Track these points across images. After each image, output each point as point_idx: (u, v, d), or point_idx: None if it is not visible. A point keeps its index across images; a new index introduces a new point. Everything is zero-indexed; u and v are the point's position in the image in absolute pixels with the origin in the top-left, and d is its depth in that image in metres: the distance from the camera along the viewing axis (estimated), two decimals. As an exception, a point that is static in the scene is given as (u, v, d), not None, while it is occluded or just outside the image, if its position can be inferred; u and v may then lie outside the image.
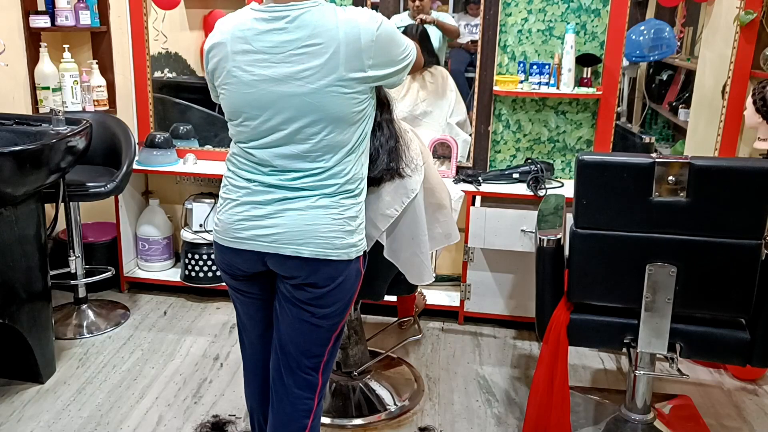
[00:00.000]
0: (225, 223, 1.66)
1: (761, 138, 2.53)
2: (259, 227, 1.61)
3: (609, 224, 1.97)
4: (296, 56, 1.52)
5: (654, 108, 3.69)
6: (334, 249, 1.61)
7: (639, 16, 3.22)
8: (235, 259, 1.67)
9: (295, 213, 1.59)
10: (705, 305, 2.01)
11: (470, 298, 3.07)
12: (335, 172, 1.60)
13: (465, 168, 3.16)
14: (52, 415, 2.39)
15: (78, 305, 3.08)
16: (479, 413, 2.47)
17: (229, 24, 1.60)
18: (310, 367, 1.72)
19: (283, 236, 1.59)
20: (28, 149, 2.28)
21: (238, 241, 1.64)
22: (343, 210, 1.62)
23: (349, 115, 1.58)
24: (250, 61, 1.55)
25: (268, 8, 1.54)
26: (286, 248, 1.60)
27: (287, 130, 1.56)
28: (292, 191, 1.60)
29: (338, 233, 1.61)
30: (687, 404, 2.51)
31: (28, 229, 2.44)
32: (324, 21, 1.52)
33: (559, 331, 2.09)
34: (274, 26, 1.53)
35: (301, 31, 1.52)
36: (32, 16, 3.07)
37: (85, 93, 3.27)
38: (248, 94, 1.57)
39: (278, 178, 1.60)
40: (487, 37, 3.02)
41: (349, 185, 1.63)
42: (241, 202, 1.63)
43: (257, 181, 1.62)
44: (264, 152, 1.60)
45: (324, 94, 1.53)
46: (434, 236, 2.25)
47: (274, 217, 1.60)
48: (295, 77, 1.52)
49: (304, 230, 1.59)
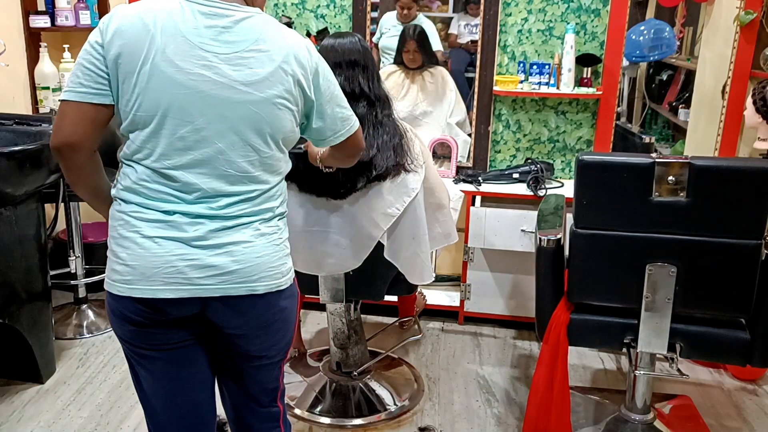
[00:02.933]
0: (146, 268, 1.34)
1: (761, 138, 2.53)
2: (197, 267, 1.35)
3: (609, 224, 1.97)
4: (244, 59, 1.34)
5: (654, 108, 3.70)
6: (282, 276, 1.45)
7: (639, 16, 3.23)
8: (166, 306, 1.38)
9: (240, 246, 1.37)
10: (705, 305, 2.01)
11: (470, 298, 3.07)
12: (271, 194, 1.43)
13: (465, 168, 3.16)
14: (52, 415, 2.39)
15: (78, 305, 3.08)
16: (479, 413, 2.47)
17: (153, 7, 1.33)
18: (270, 401, 1.61)
19: (232, 276, 1.37)
20: (28, 149, 2.28)
21: (171, 288, 1.35)
22: (281, 233, 1.47)
23: (286, 135, 1.43)
24: (185, 57, 1.30)
25: (208, 2, 1.34)
26: (239, 288, 1.38)
27: (223, 143, 1.34)
28: (229, 220, 1.37)
29: (282, 259, 1.46)
30: (687, 404, 2.51)
31: (28, 229, 2.44)
32: (269, 29, 1.39)
33: (559, 331, 2.09)
34: (215, 23, 1.33)
35: (248, 34, 1.35)
36: (32, 16, 3.07)
37: (85, 93, 3.27)
38: (177, 95, 1.31)
39: (207, 206, 1.35)
40: (487, 37, 3.02)
41: (281, 208, 1.48)
42: (165, 237, 1.34)
43: (179, 212, 1.35)
44: (188, 173, 1.34)
45: (271, 105, 1.36)
46: (434, 236, 2.26)
47: (214, 254, 1.36)
48: (243, 82, 1.33)
49: (256, 264, 1.39)
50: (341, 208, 2.08)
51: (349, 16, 3.12)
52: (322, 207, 2.09)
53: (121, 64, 1.32)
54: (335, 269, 2.17)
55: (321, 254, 2.12)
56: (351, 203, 2.07)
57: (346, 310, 2.41)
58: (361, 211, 2.07)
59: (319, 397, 2.50)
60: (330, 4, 3.15)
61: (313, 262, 2.14)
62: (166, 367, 1.48)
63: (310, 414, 2.42)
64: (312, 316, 3.15)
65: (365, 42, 2.09)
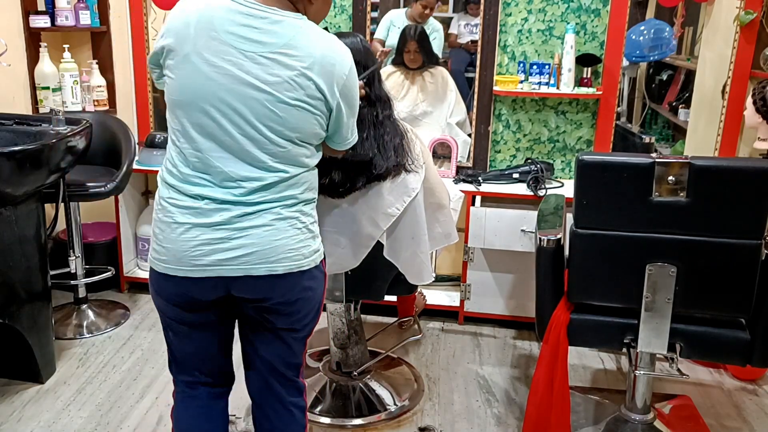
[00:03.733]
0: (177, 251, 1.49)
1: (761, 138, 2.53)
2: (222, 251, 1.48)
3: (609, 224, 1.97)
4: (268, 60, 1.42)
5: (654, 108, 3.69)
6: (304, 258, 1.55)
7: (639, 16, 3.22)
8: (191, 289, 1.53)
9: (260, 230, 1.48)
10: (705, 305, 2.01)
11: (470, 298, 3.07)
12: (293, 182, 1.52)
13: (465, 168, 3.16)
14: (52, 415, 2.39)
15: (78, 305, 3.08)
16: (479, 413, 2.47)
17: (198, 4, 1.45)
18: (294, 375, 1.72)
19: (252, 256, 1.49)
20: (28, 149, 2.28)
21: (199, 269, 1.49)
22: (304, 218, 1.56)
23: (311, 136, 1.52)
24: (214, 51, 1.41)
25: (248, 3, 1.43)
26: (259, 268, 1.50)
27: (239, 135, 1.45)
28: (251, 206, 1.48)
29: (304, 242, 1.56)
30: (687, 404, 2.51)
31: (28, 229, 2.44)
32: (303, 35, 1.45)
33: (559, 331, 2.09)
34: (250, 23, 1.42)
35: (278, 37, 1.42)
36: (32, 16, 3.07)
37: (85, 93, 3.27)
38: (205, 87, 1.43)
39: (232, 193, 1.47)
40: (487, 37, 3.02)
41: (306, 195, 1.57)
42: (194, 224, 1.48)
43: (208, 198, 1.47)
44: (212, 157, 1.46)
45: (290, 107, 1.44)
46: (434, 236, 2.25)
47: (237, 237, 1.48)
48: (264, 81, 1.42)
49: (274, 246, 1.50)
50: (341, 208, 2.08)
51: (349, 16, 3.12)
52: (321, 205, 2.09)
53: (165, 58, 1.47)
54: (334, 269, 2.17)
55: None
56: (350, 203, 2.07)
57: (346, 310, 2.41)
58: (360, 210, 2.07)
59: (319, 397, 2.50)
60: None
61: None
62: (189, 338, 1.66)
63: (310, 414, 2.41)
64: (312, 316, 3.15)
65: (366, 42, 2.09)
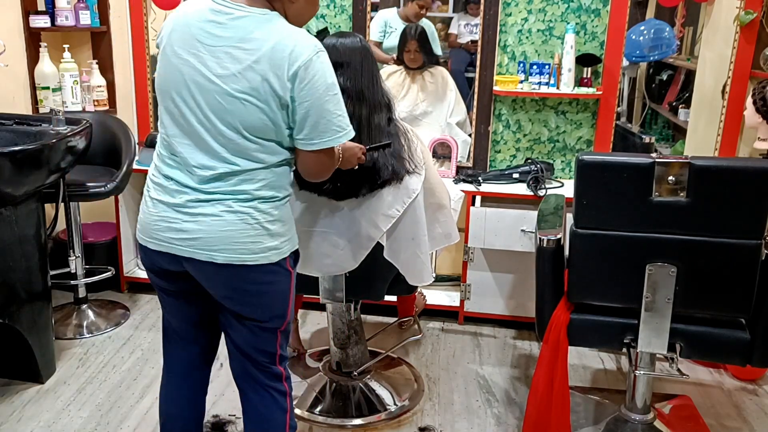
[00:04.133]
0: (144, 222, 1.64)
1: (761, 138, 2.53)
2: (173, 230, 1.58)
3: (609, 224, 1.97)
4: (223, 54, 1.49)
5: (654, 108, 3.69)
6: (251, 254, 1.57)
7: (639, 16, 3.22)
8: (158, 258, 1.65)
9: (209, 218, 1.55)
10: (705, 305, 2.01)
11: (470, 298, 3.07)
12: (247, 177, 1.55)
13: (465, 168, 3.16)
14: (52, 415, 2.39)
15: (78, 305, 3.08)
16: (479, 413, 2.47)
17: (187, 6, 1.58)
18: (268, 362, 1.74)
19: (197, 241, 1.56)
20: (28, 149, 2.28)
21: (156, 242, 1.61)
22: (258, 215, 1.57)
23: (261, 131, 1.53)
24: (181, 44, 1.53)
25: (221, 2, 1.52)
26: (201, 253, 1.57)
27: (198, 124, 1.53)
28: (205, 194, 1.55)
29: (254, 238, 1.57)
30: (687, 404, 2.51)
31: (28, 229, 2.44)
32: (260, 29, 1.49)
33: (559, 331, 2.09)
34: (215, 18, 1.51)
35: (236, 32, 1.49)
36: (32, 16, 3.07)
37: (85, 93, 3.27)
38: (172, 76, 1.54)
39: (192, 178, 1.56)
40: (487, 37, 3.02)
41: (264, 192, 1.57)
42: (160, 200, 1.60)
43: (174, 180, 1.58)
44: (178, 143, 1.56)
45: (236, 100, 1.49)
46: (434, 236, 2.25)
47: (188, 221, 1.56)
48: (215, 74, 1.49)
49: (218, 236, 1.55)
50: (341, 209, 2.08)
51: (349, 16, 3.12)
52: (321, 207, 2.09)
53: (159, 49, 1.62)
54: (333, 270, 2.17)
55: (319, 254, 2.12)
56: (350, 204, 2.07)
57: (346, 310, 2.41)
58: (360, 212, 2.07)
59: (319, 397, 2.50)
60: (330, 4, 3.15)
61: (311, 262, 2.13)
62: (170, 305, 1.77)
63: (310, 414, 2.42)
64: (312, 316, 3.15)
65: (366, 42, 2.09)
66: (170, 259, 1.62)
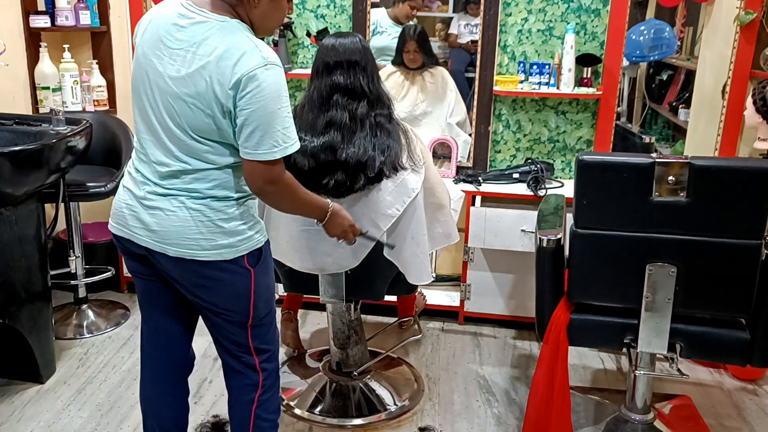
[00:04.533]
0: (115, 208, 1.71)
1: (761, 138, 2.53)
2: (134, 219, 1.65)
3: (609, 224, 1.97)
4: (178, 57, 1.53)
5: (654, 108, 3.69)
6: (201, 250, 1.61)
7: (639, 16, 3.23)
8: (125, 243, 1.71)
9: (163, 212, 1.61)
10: (705, 305, 2.01)
11: (470, 298, 3.07)
12: (199, 177, 1.59)
13: (465, 168, 3.16)
14: (52, 415, 2.39)
15: (78, 305, 3.08)
16: (479, 413, 2.47)
17: (160, 6, 1.62)
18: (241, 351, 1.77)
19: (153, 234, 1.62)
20: (28, 149, 2.28)
21: (121, 228, 1.69)
22: (210, 213, 1.61)
23: (208, 133, 1.56)
24: (150, 45, 1.58)
25: (187, 5, 1.56)
26: (156, 245, 1.63)
27: (157, 122, 1.58)
28: (163, 189, 1.61)
29: (206, 235, 1.61)
30: (687, 404, 2.51)
31: (28, 229, 2.44)
32: (214, 36, 1.51)
33: (559, 331, 2.09)
34: (178, 21, 1.55)
35: (193, 36, 1.52)
36: (32, 16, 3.07)
37: (85, 93, 3.27)
38: (138, 76, 1.61)
39: (154, 173, 1.62)
40: (487, 37, 3.02)
41: (216, 191, 1.60)
42: (128, 189, 1.67)
43: (141, 173, 1.65)
44: (144, 138, 1.63)
45: (184, 103, 1.53)
46: (434, 236, 2.26)
47: (145, 213, 1.63)
48: (169, 75, 1.54)
49: (170, 230, 1.61)
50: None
51: (349, 16, 3.12)
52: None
53: None
54: (334, 268, 2.17)
55: (320, 253, 2.12)
56: (351, 203, 2.07)
57: (346, 310, 2.41)
58: (360, 211, 2.07)
59: (319, 397, 2.50)
60: (330, 4, 3.15)
61: (312, 261, 2.14)
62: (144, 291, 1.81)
63: (310, 414, 2.42)
64: (312, 316, 3.15)
65: (365, 42, 2.09)
66: (136, 246, 1.68)
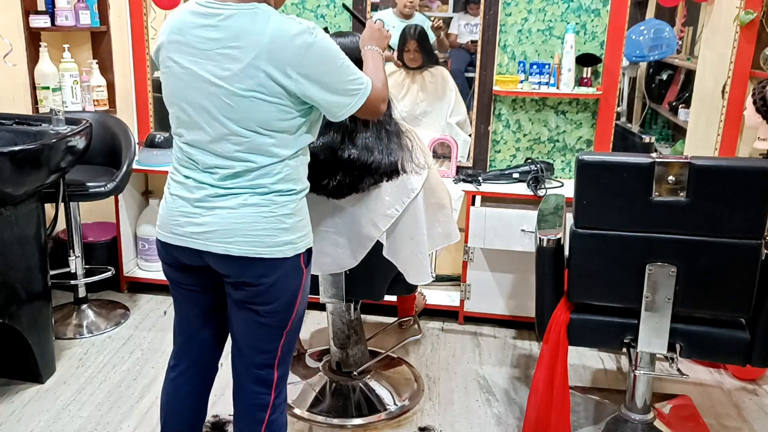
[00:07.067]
0: (163, 217, 1.68)
1: (761, 138, 2.53)
2: (193, 224, 1.62)
3: (609, 224, 1.97)
4: (220, 56, 1.51)
5: (654, 108, 3.69)
6: (265, 247, 1.60)
7: (639, 16, 3.22)
8: (174, 254, 1.69)
9: (224, 211, 1.59)
10: (705, 305, 2.01)
11: (470, 298, 3.07)
12: (264, 172, 1.58)
13: (465, 168, 3.16)
14: (52, 415, 2.39)
15: (78, 305, 3.08)
16: (479, 413, 2.47)
17: (174, 13, 1.62)
18: (263, 364, 1.72)
19: (213, 234, 1.60)
20: (28, 149, 2.28)
21: (177, 237, 1.65)
22: (275, 208, 1.60)
23: (273, 123, 1.55)
24: (179, 53, 1.56)
25: (207, 3, 1.54)
26: (217, 246, 1.60)
27: (209, 128, 1.56)
28: (223, 189, 1.59)
29: (270, 231, 1.60)
30: (687, 404, 2.51)
31: (28, 229, 2.44)
32: (251, 25, 1.50)
33: (559, 331, 2.09)
34: (206, 22, 1.53)
35: (228, 31, 1.51)
36: (32, 16, 3.07)
37: (85, 93, 3.27)
38: (175, 86, 1.59)
39: (210, 176, 1.60)
40: (487, 37, 3.02)
41: (281, 185, 1.60)
42: (177, 197, 1.64)
43: (192, 178, 1.62)
44: (192, 149, 1.60)
45: (243, 98, 1.51)
46: (434, 236, 2.25)
47: (205, 215, 1.60)
48: (217, 76, 1.52)
49: (232, 228, 1.58)
50: (340, 208, 2.08)
51: (349, 16, 3.12)
52: (320, 206, 2.09)
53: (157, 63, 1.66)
54: (332, 268, 2.17)
55: (318, 253, 2.12)
56: (351, 203, 2.07)
57: (346, 310, 2.41)
58: (360, 211, 2.07)
59: (319, 397, 2.50)
60: (330, 4, 3.15)
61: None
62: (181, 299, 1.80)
63: (310, 414, 2.42)
64: (312, 316, 3.15)
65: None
66: (189, 253, 1.65)
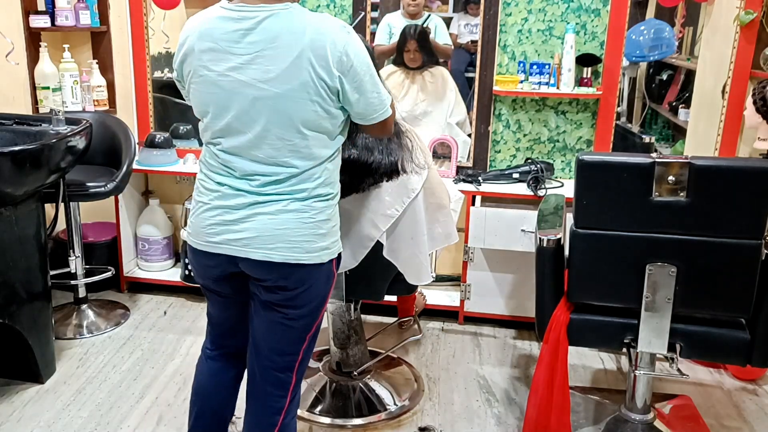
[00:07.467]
0: (197, 226, 1.66)
1: (761, 138, 2.53)
2: (231, 231, 1.60)
3: (609, 224, 1.97)
4: (261, 59, 1.50)
5: (654, 108, 3.69)
6: (305, 253, 1.61)
7: (639, 16, 3.22)
8: (208, 262, 1.68)
9: (265, 217, 1.58)
10: (705, 305, 2.01)
11: (470, 298, 3.07)
12: (305, 177, 1.59)
13: (465, 168, 3.16)
14: (52, 415, 2.39)
15: (78, 305, 3.08)
16: (479, 413, 2.47)
17: (197, 20, 1.59)
18: (284, 366, 1.73)
19: (253, 240, 1.59)
20: (28, 149, 2.28)
21: (210, 245, 1.64)
22: (314, 213, 1.61)
23: (316, 123, 1.56)
24: (215, 60, 1.54)
25: (237, 7, 1.53)
26: (257, 252, 1.59)
27: (251, 133, 1.55)
28: (263, 195, 1.59)
29: (309, 237, 1.61)
30: (687, 404, 2.51)
31: (28, 229, 2.44)
32: (290, 25, 1.51)
33: (559, 331, 2.09)
34: (241, 26, 1.52)
35: (267, 33, 1.50)
36: (32, 16, 3.07)
37: (85, 93, 3.27)
38: (213, 94, 1.56)
39: (248, 183, 1.59)
40: (487, 37, 3.02)
41: (320, 189, 1.62)
42: (213, 206, 1.63)
43: (227, 185, 1.61)
44: (230, 155, 1.59)
45: (287, 99, 1.51)
46: (434, 236, 2.25)
47: (245, 221, 1.59)
48: (260, 80, 1.51)
49: (274, 234, 1.58)
50: (341, 208, 2.08)
51: (349, 16, 3.12)
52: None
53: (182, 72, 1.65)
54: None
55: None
56: (350, 203, 2.07)
57: (346, 310, 2.41)
58: (360, 211, 2.07)
59: (319, 397, 2.50)
60: (330, 4, 3.15)
61: None
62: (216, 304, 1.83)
63: (310, 414, 2.42)
64: (312, 316, 3.15)
65: (367, 42, 2.09)
66: (225, 260, 1.64)
